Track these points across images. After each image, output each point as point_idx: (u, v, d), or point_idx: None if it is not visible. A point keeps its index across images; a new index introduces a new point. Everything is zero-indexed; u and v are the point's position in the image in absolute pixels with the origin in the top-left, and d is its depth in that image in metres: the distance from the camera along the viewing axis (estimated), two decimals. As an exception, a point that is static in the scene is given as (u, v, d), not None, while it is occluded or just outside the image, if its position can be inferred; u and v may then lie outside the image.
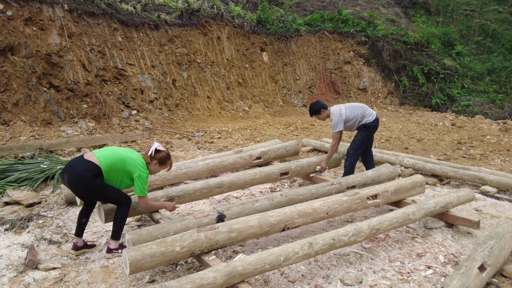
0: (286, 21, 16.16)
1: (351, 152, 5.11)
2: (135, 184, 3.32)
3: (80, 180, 3.21)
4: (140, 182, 3.29)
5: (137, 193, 3.34)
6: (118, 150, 3.38)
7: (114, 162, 3.29)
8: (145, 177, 3.32)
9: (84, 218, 3.53)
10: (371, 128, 5.07)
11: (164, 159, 3.47)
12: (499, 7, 20.66)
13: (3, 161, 5.92)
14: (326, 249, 3.01)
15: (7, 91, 8.09)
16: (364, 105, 5.15)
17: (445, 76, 15.58)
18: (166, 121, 10.51)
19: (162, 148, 3.50)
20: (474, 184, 5.57)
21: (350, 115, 5.01)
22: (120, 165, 3.30)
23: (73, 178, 3.22)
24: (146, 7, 12.07)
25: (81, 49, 9.54)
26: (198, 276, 2.52)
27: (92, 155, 3.32)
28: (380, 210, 4.60)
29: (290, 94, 15.36)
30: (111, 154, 3.32)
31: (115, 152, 3.35)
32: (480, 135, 9.52)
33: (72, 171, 3.24)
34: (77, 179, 3.21)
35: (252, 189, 5.33)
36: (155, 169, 3.50)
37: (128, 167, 3.31)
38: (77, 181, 3.22)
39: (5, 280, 3.01)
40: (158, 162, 3.45)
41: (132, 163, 3.31)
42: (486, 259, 2.86)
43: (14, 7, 8.46)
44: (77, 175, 3.20)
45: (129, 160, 3.32)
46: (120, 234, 3.42)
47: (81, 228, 3.52)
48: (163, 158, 3.46)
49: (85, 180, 3.20)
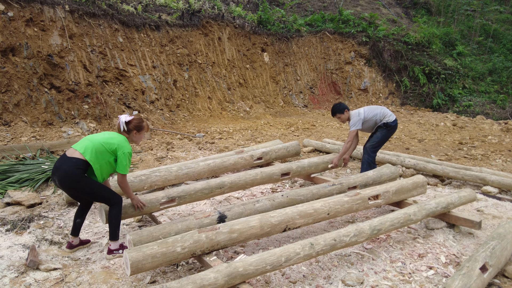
0: (287, 22, 16.16)
1: (369, 150, 5.20)
2: (118, 162, 3.30)
3: (70, 179, 3.20)
4: (124, 159, 3.29)
5: (120, 170, 3.32)
6: (94, 137, 3.37)
7: (96, 149, 3.26)
8: (128, 154, 3.32)
9: (79, 218, 3.52)
10: (392, 128, 5.17)
11: (139, 125, 3.47)
12: (500, 7, 20.63)
13: (4, 162, 5.93)
14: (327, 250, 3.01)
15: (8, 92, 8.10)
16: (384, 107, 5.25)
17: (446, 76, 15.56)
18: (167, 121, 10.51)
19: (130, 116, 3.48)
20: (476, 185, 5.56)
21: (368, 115, 5.12)
22: (102, 147, 3.28)
23: (63, 178, 3.21)
24: (147, 8, 12.08)
25: (82, 49, 9.55)
26: (199, 277, 2.52)
27: (74, 151, 3.29)
28: (381, 210, 4.59)
29: (291, 95, 15.36)
30: (90, 143, 3.29)
31: (92, 139, 3.33)
32: (482, 136, 9.50)
33: (61, 172, 3.21)
34: (66, 178, 3.20)
35: (253, 190, 5.32)
36: (138, 138, 3.52)
37: (111, 147, 3.29)
38: (68, 180, 3.21)
39: (6, 280, 3.01)
40: (136, 130, 3.46)
41: (114, 142, 3.31)
42: (488, 259, 2.85)
43: (15, 8, 8.48)
44: (66, 175, 3.19)
45: (110, 140, 3.32)
46: (117, 234, 3.41)
47: (76, 228, 3.53)
48: (137, 125, 3.47)
49: (75, 178, 3.20)
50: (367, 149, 5.23)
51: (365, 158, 5.24)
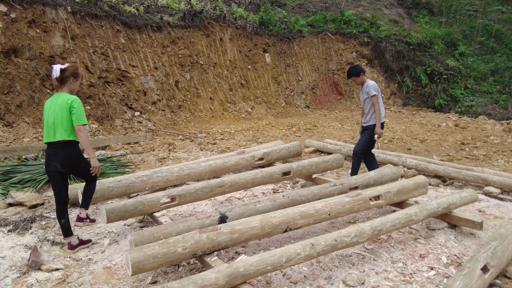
0: (289, 22, 16.17)
1: (358, 153, 5.27)
2: (77, 114, 3.36)
3: (70, 162, 3.44)
4: (80, 109, 3.38)
5: (79, 122, 3.37)
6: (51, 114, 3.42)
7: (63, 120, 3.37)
8: (78, 103, 3.40)
9: (63, 218, 3.58)
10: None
11: (75, 72, 3.51)
12: (503, 7, 20.59)
13: (6, 163, 5.96)
14: (328, 250, 3.01)
15: (10, 93, 8.13)
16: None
17: (448, 76, 15.53)
18: (168, 122, 10.53)
19: (63, 65, 3.50)
20: (477, 185, 5.54)
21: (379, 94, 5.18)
22: (62, 113, 3.36)
23: (64, 162, 3.41)
24: (149, 9, 12.11)
25: (84, 51, 9.58)
26: (200, 277, 2.53)
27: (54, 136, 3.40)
28: (382, 211, 4.59)
29: (292, 95, 15.37)
30: (54, 120, 3.38)
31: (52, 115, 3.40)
32: (484, 136, 9.48)
33: (60, 159, 3.40)
34: (67, 161, 3.42)
35: (254, 190, 5.33)
36: (75, 86, 3.55)
37: (68, 108, 3.37)
38: (69, 163, 3.43)
39: (8, 281, 3.02)
40: (72, 77, 3.49)
41: (63, 103, 3.37)
42: (489, 260, 2.85)
43: (17, 10, 8.52)
44: (67, 159, 3.42)
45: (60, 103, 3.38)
46: (89, 205, 3.73)
47: (65, 228, 3.58)
48: (74, 72, 3.50)
49: (74, 160, 3.45)
50: (356, 153, 5.29)
51: (355, 161, 5.31)
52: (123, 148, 7.86)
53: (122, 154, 7.05)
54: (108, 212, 3.57)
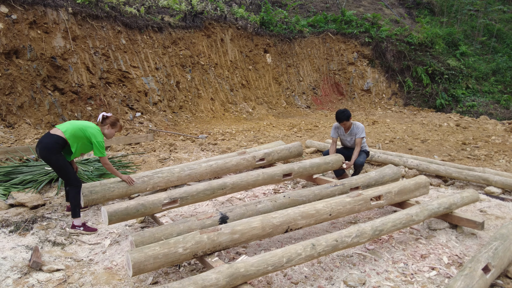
0: (290, 23, 16.17)
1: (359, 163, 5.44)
2: (94, 148, 3.98)
3: (47, 151, 3.81)
4: (98, 145, 3.97)
5: (97, 154, 4.00)
6: (76, 122, 4.03)
7: (75, 131, 3.93)
8: (101, 141, 3.99)
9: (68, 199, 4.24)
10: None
11: (114, 122, 4.17)
12: (504, 7, 20.55)
13: (8, 164, 5.97)
14: (329, 251, 3.00)
15: (12, 94, 8.15)
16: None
17: (449, 76, 15.51)
18: (170, 123, 10.54)
19: (109, 114, 4.18)
20: (479, 185, 5.53)
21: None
22: (81, 132, 3.95)
23: (43, 149, 3.83)
24: (150, 10, 12.13)
25: (85, 51, 9.60)
26: (200, 278, 2.53)
27: (57, 130, 3.94)
28: (383, 211, 4.59)
29: (293, 96, 15.36)
30: (71, 126, 3.97)
31: (74, 124, 4.01)
32: (485, 136, 9.47)
33: (42, 144, 3.84)
34: (45, 150, 3.82)
35: (255, 191, 5.33)
36: (110, 132, 4.17)
37: (87, 133, 3.96)
38: (46, 152, 3.82)
39: (10, 281, 3.03)
40: (110, 125, 4.14)
41: (90, 130, 3.97)
42: (491, 260, 2.84)
43: (19, 11, 8.54)
44: (45, 147, 3.82)
45: (87, 128, 3.98)
46: (78, 212, 3.93)
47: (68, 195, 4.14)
48: (113, 121, 4.16)
49: (51, 151, 3.81)
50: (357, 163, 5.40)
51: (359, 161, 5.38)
52: (124, 148, 7.87)
53: (123, 155, 7.06)
54: (110, 215, 3.57)
